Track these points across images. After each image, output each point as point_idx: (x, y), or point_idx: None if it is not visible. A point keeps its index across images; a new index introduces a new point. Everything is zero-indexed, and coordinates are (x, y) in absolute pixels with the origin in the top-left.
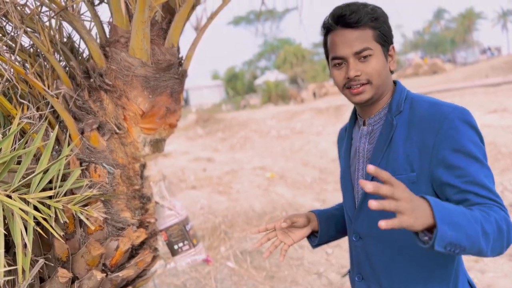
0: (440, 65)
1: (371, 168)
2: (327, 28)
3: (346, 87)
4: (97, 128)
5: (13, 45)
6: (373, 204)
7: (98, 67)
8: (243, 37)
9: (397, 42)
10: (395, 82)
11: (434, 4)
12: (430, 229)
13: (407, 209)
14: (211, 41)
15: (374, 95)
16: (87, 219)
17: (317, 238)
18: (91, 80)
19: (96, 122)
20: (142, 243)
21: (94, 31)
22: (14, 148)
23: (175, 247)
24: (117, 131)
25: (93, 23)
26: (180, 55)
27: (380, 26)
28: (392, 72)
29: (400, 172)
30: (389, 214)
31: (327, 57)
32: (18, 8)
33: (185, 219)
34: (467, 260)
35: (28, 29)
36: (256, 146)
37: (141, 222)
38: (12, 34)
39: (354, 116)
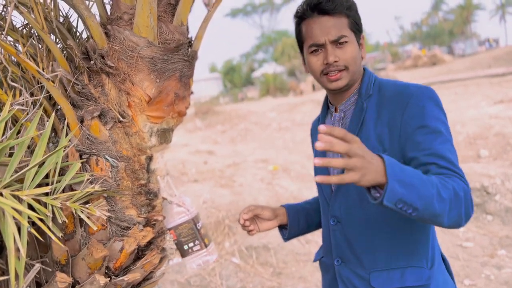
0: (440, 56)
1: (322, 128)
2: (301, 16)
3: (324, 73)
4: (98, 116)
5: (3, 23)
6: (316, 161)
7: (99, 48)
8: (240, 30)
9: (395, 34)
10: (363, 69)
11: None
12: (383, 187)
13: (356, 166)
14: (208, 33)
15: (350, 81)
16: (89, 218)
17: (287, 231)
18: (91, 62)
19: (98, 109)
20: (149, 243)
21: (94, 9)
22: (5, 138)
23: (185, 247)
24: (121, 119)
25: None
26: (189, 35)
27: (353, 15)
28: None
29: (372, 151)
30: (366, 197)
31: (300, 46)
32: None
33: (195, 216)
34: (482, 256)
35: (20, 5)
36: (257, 138)
37: (148, 221)
38: (1, 11)
39: (326, 105)
